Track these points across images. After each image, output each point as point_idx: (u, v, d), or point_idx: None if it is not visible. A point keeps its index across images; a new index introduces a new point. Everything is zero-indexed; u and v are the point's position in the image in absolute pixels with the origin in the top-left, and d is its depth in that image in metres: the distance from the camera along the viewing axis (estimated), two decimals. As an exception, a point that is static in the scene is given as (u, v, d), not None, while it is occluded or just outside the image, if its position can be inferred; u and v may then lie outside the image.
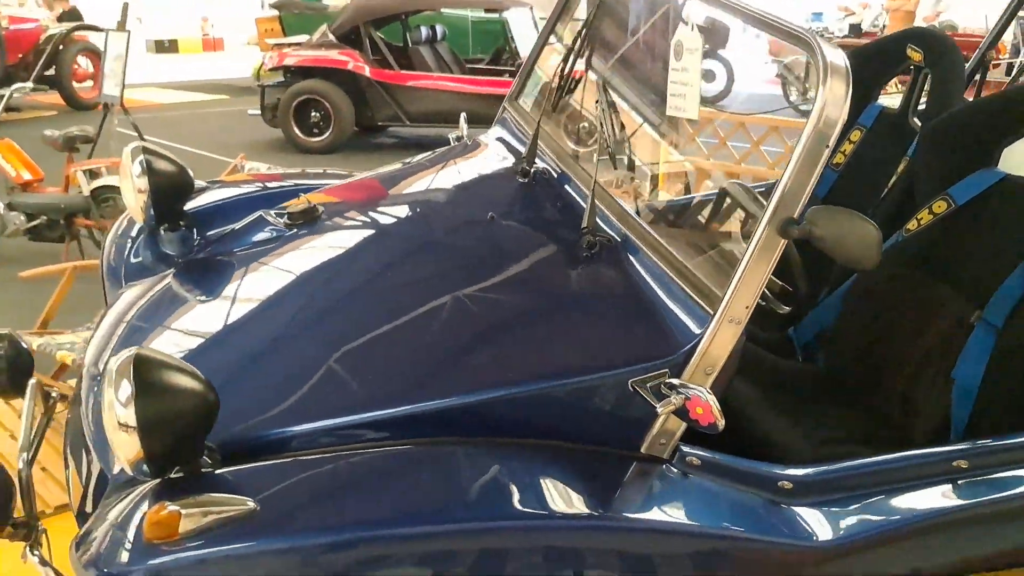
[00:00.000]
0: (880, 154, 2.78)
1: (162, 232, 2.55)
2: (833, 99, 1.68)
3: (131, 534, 1.54)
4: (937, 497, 1.91)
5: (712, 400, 1.65)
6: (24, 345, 2.12)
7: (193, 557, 1.47)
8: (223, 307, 2.15)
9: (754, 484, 1.83)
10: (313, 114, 9.36)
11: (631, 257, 2.02)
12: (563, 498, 1.68)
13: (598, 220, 2.10)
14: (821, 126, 1.68)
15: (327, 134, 9.41)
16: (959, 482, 1.95)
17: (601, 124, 2.27)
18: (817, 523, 1.82)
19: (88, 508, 1.87)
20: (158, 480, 1.62)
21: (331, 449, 1.71)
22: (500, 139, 2.69)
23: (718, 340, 1.75)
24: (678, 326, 1.80)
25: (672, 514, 1.74)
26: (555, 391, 1.79)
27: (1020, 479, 1.96)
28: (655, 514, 1.73)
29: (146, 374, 1.57)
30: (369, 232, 2.37)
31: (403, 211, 2.47)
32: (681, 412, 1.69)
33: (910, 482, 1.92)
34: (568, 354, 1.85)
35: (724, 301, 1.73)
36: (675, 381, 1.73)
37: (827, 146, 1.69)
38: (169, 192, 2.49)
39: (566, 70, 2.49)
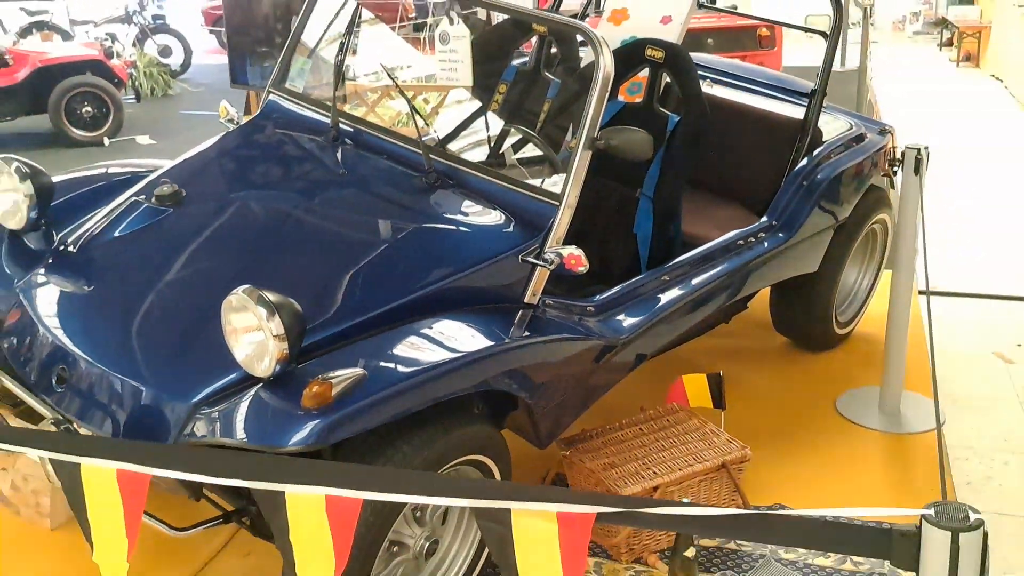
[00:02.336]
0: (526, 98, 3.94)
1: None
2: (607, 62, 2.77)
3: (290, 408, 2.14)
4: (663, 297, 3.17)
5: (581, 252, 2.68)
6: None
7: (355, 409, 2.14)
8: (187, 268, 2.64)
9: (577, 312, 2.92)
10: None
11: (464, 180, 2.93)
12: (494, 334, 2.60)
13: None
14: (604, 79, 2.77)
15: None
16: (669, 289, 3.23)
17: (402, 92, 3.12)
18: (611, 327, 2.96)
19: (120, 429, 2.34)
20: (268, 377, 2.21)
21: (362, 336, 2.43)
22: (285, 116, 3.34)
23: (563, 220, 2.77)
24: (535, 216, 2.78)
25: (548, 332, 2.75)
26: (477, 272, 2.68)
27: (697, 280, 3.29)
28: (541, 334, 2.72)
29: (271, 297, 2.17)
30: (254, 199, 2.92)
31: (265, 177, 3.04)
32: (559, 267, 2.70)
33: (648, 293, 3.15)
34: (472, 245, 2.74)
35: (565, 195, 2.76)
36: (547, 249, 2.73)
37: (607, 91, 2.79)
38: (44, 195, 2.79)
39: (343, 58, 3.25)
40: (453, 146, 3.34)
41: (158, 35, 13.60)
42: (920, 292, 4.89)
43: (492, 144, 3.61)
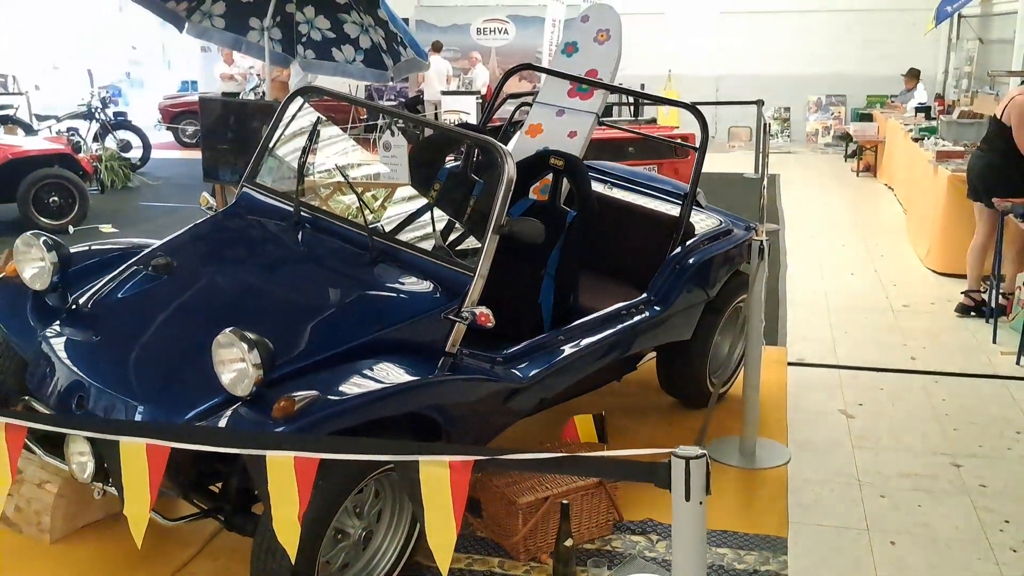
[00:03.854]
0: (457, 194, 4.79)
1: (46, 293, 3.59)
2: (509, 168, 3.62)
3: (263, 419, 2.88)
4: (561, 352, 3.98)
5: (489, 312, 3.48)
6: None
7: (312, 419, 2.88)
8: (178, 320, 3.39)
9: (488, 361, 3.71)
10: None
11: (400, 257, 3.74)
12: (421, 372, 3.37)
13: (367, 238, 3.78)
14: (507, 181, 3.62)
15: None
16: (565, 345, 4.04)
17: (352, 188, 3.94)
18: (517, 373, 3.76)
19: None
20: (247, 396, 2.95)
21: (319, 371, 3.18)
22: (256, 205, 4.13)
23: (477, 287, 3.58)
24: (455, 284, 3.58)
25: (463, 373, 3.53)
26: (407, 326, 3.46)
27: (589, 339, 4.10)
28: (458, 374, 3.50)
29: (250, 336, 2.92)
30: (232, 270, 3.71)
31: (241, 253, 3.83)
32: (472, 322, 3.49)
33: (548, 348, 3.96)
34: (405, 306, 3.53)
35: (479, 266, 3.57)
36: (463, 309, 3.52)
37: (511, 190, 3.63)
38: (64, 263, 3.55)
39: (305, 159, 4.08)
40: (393, 231, 4.14)
41: (119, 130, 14.38)
42: (790, 363, 5.80)
43: (425, 230, 4.44)
